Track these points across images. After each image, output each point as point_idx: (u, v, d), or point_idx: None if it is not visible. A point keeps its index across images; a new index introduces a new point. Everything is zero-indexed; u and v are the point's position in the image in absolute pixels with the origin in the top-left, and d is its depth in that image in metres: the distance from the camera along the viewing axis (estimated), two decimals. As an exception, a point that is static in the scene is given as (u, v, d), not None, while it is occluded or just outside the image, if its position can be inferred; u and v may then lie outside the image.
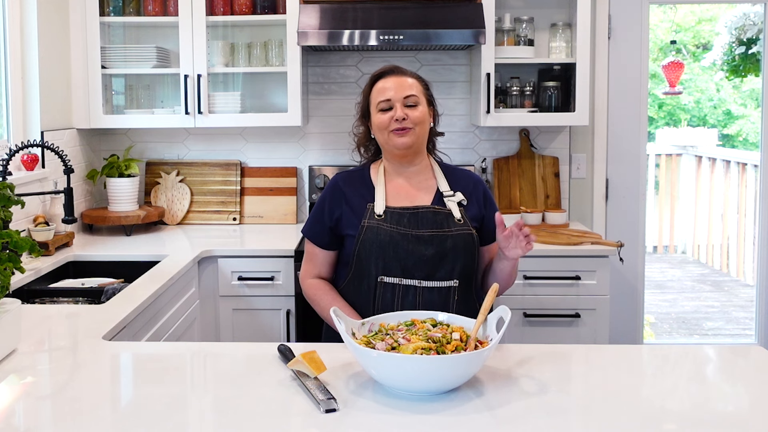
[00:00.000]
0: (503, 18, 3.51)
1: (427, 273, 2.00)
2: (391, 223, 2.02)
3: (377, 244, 2.00)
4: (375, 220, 2.03)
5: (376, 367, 1.53)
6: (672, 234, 7.39)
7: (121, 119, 3.52)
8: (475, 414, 1.46)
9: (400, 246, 2.00)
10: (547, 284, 3.12)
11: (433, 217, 2.03)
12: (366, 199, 2.08)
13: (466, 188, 2.12)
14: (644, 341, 4.16)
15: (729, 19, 6.74)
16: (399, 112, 2.02)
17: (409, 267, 2.00)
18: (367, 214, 2.05)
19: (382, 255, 2.00)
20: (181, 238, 3.40)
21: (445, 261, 2.01)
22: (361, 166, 2.19)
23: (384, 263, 2.00)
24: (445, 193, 2.09)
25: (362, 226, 2.03)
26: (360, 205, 2.08)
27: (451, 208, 2.06)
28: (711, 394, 1.66)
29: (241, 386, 1.61)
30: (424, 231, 2.01)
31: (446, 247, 2.00)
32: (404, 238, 2.00)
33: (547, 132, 3.78)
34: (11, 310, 1.75)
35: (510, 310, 1.65)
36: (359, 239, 2.02)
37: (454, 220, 2.04)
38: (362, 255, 2.03)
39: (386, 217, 2.03)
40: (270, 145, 3.79)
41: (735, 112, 10.33)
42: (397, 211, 2.04)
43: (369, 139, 2.16)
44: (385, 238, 2.00)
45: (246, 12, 3.47)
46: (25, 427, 1.45)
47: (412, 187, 2.11)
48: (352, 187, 2.12)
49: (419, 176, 2.12)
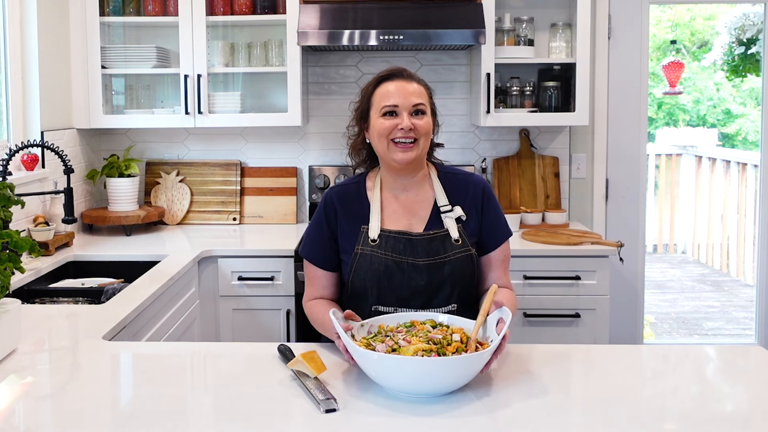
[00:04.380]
0: (503, 18, 3.51)
1: (423, 302, 1.92)
2: (386, 250, 1.91)
3: (371, 273, 1.90)
4: (369, 247, 1.92)
5: (377, 368, 1.53)
6: (672, 234, 7.39)
7: (121, 119, 3.52)
8: (475, 416, 1.46)
9: (395, 276, 1.90)
10: (547, 284, 3.12)
11: (429, 245, 1.92)
12: (360, 219, 1.97)
13: (466, 196, 2.01)
14: (644, 341, 4.16)
15: (729, 19, 6.74)
16: (406, 121, 1.89)
17: (405, 296, 1.91)
18: (361, 238, 1.94)
19: (376, 284, 1.91)
20: (181, 238, 3.40)
21: (442, 289, 1.92)
22: (356, 177, 2.06)
23: (379, 292, 1.91)
24: (443, 209, 1.97)
25: (356, 253, 1.93)
26: (353, 228, 1.96)
27: (449, 227, 1.95)
28: (711, 394, 1.66)
29: (241, 386, 1.61)
30: (419, 260, 1.91)
31: (443, 274, 1.91)
32: (399, 268, 1.90)
33: (547, 132, 3.78)
34: (11, 310, 1.76)
35: (510, 311, 1.65)
36: (352, 267, 1.93)
37: (452, 242, 1.93)
38: (356, 284, 1.94)
39: (381, 242, 1.92)
40: (270, 145, 3.79)
41: (734, 112, 10.33)
42: (393, 235, 1.93)
43: (363, 144, 2.03)
44: (379, 267, 1.90)
45: (246, 12, 3.47)
46: (25, 427, 1.45)
47: (410, 202, 1.99)
48: (346, 204, 1.99)
49: (417, 187, 2.01)
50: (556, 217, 3.54)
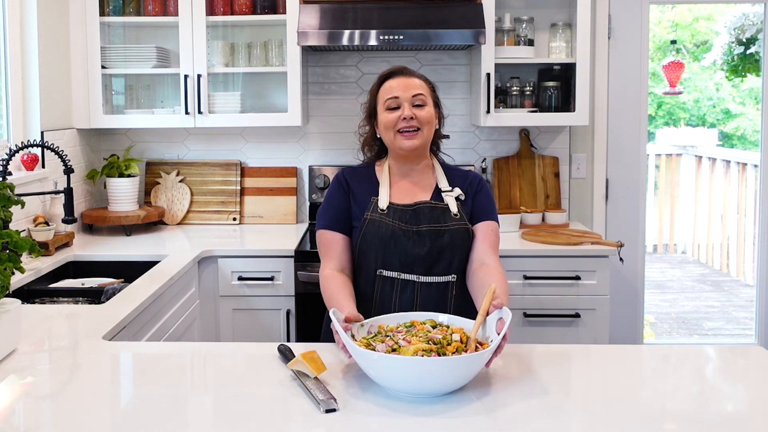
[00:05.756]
0: (503, 18, 3.51)
1: (425, 268, 2.04)
2: (394, 219, 2.05)
3: (378, 238, 2.03)
4: (378, 214, 2.06)
5: (377, 368, 1.53)
6: (672, 234, 7.39)
7: (121, 119, 3.52)
8: (475, 416, 1.45)
9: (401, 241, 2.03)
10: (547, 284, 3.12)
11: (430, 213, 2.07)
12: (370, 192, 2.12)
13: (464, 183, 2.16)
14: (644, 341, 4.16)
15: (728, 19, 6.75)
16: (407, 110, 2.04)
17: (408, 262, 2.03)
18: (371, 207, 2.08)
19: (382, 249, 2.03)
20: (181, 238, 3.40)
21: (442, 256, 2.04)
22: (365, 164, 2.22)
23: (384, 257, 2.04)
24: (444, 189, 2.13)
25: (365, 218, 2.07)
26: (364, 198, 2.11)
27: (449, 202, 2.09)
28: (711, 394, 1.66)
29: (241, 386, 1.61)
30: (422, 226, 2.05)
31: (443, 242, 2.04)
32: (405, 234, 2.04)
33: (547, 132, 3.78)
34: (11, 310, 1.76)
35: (510, 311, 1.65)
36: (362, 231, 2.06)
37: (451, 215, 2.07)
38: (363, 247, 2.06)
39: (389, 212, 2.07)
40: (270, 145, 3.79)
41: (734, 111, 10.34)
42: (400, 207, 2.08)
43: (374, 140, 2.19)
44: (386, 232, 2.03)
45: (246, 12, 3.47)
46: (25, 427, 1.45)
47: (414, 185, 2.14)
48: (357, 180, 2.15)
49: (421, 174, 2.16)
50: (556, 217, 3.54)
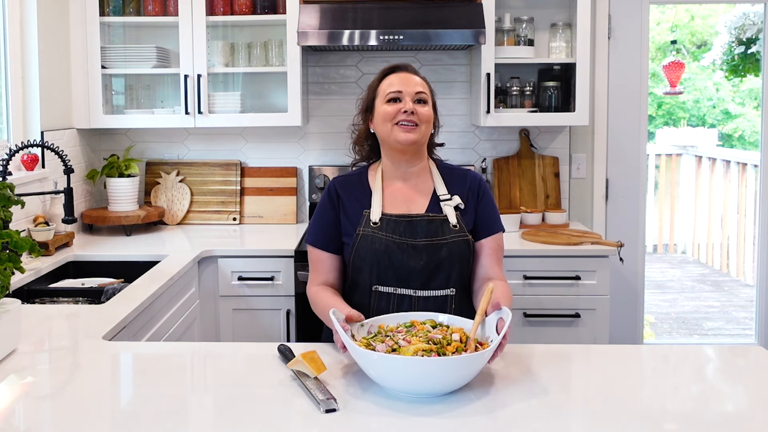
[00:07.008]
0: (503, 18, 3.51)
1: (422, 282, 1.97)
2: (387, 232, 1.98)
3: (371, 253, 1.96)
4: (370, 228, 1.99)
5: (377, 368, 1.53)
6: (672, 234, 7.39)
7: (121, 119, 3.52)
8: (475, 416, 1.45)
9: (395, 255, 1.96)
10: (547, 284, 3.12)
11: (428, 226, 1.99)
12: (362, 204, 2.04)
13: (463, 189, 2.07)
14: (644, 341, 4.16)
15: (728, 19, 6.75)
16: (409, 104, 1.98)
17: (404, 276, 1.97)
18: (363, 221, 2.01)
19: (376, 264, 1.96)
20: (181, 238, 3.40)
21: (440, 270, 1.97)
22: (359, 169, 2.14)
23: (378, 272, 1.97)
24: (442, 197, 2.05)
25: (357, 233, 1.99)
26: (356, 211, 2.03)
27: (447, 213, 2.02)
28: (711, 394, 1.66)
29: (241, 386, 1.61)
30: (418, 240, 1.97)
31: (441, 256, 1.96)
32: (399, 248, 1.96)
33: (547, 132, 3.78)
34: (11, 310, 1.76)
35: (510, 311, 1.65)
36: (354, 247, 1.99)
37: (450, 227, 2.00)
38: (357, 263, 1.99)
39: (382, 225, 1.99)
40: (270, 145, 3.79)
41: (733, 112, 10.34)
42: (393, 218, 2.00)
43: (367, 137, 2.12)
44: (380, 247, 1.96)
45: (246, 12, 3.47)
46: (25, 427, 1.45)
47: (410, 190, 2.06)
48: (349, 191, 2.07)
49: (417, 178, 2.08)
50: (556, 217, 3.54)
